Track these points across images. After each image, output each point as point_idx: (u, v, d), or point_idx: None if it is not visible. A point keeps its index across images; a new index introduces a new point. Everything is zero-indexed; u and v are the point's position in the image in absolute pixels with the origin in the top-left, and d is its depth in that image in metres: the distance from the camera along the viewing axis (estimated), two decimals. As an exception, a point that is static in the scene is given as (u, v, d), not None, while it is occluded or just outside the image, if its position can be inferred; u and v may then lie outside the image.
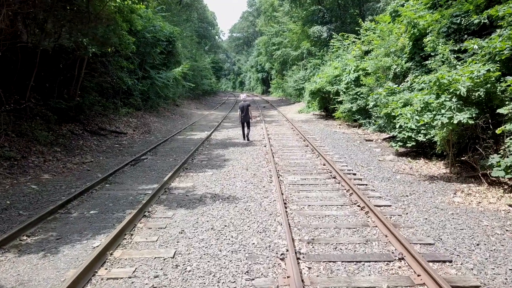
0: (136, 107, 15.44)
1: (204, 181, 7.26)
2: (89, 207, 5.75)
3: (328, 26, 27.53)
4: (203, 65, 37.25)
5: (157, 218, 5.26)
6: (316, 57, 28.35)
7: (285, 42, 37.10)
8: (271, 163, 8.57)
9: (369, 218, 5.21)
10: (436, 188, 6.98)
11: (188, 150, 10.54)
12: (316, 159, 9.37)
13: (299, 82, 29.56)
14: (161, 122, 16.47)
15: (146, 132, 13.53)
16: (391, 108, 10.30)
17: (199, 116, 21.43)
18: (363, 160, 9.38)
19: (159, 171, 8.11)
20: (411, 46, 11.98)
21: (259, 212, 5.44)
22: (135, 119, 14.54)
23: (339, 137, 13.35)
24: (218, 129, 15.68)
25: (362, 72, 15.19)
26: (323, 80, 18.82)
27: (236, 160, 9.27)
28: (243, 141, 12.41)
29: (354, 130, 15.45)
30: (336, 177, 7.47)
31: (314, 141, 12.14)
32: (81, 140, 10.26)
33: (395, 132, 10.18)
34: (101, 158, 9.24)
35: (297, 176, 7.64)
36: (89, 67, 11.95)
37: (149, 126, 14.72)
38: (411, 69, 12.00)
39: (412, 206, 5.83)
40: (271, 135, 13.72)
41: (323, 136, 13.55)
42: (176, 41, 18.94)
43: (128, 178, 7.47)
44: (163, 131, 14.49)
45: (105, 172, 7.78)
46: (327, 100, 19.59)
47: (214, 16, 74.02)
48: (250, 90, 71.12)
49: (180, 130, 14.73)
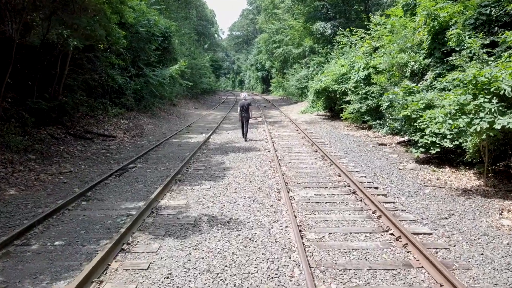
0: (128, 107, 14.26)
1: (199, 197, 6.10)
2: (56, 235, 4.60)
3: (332, 22, 26.36)
4: (202, 63, 36.03)
5: (138, 253, 4.11)
6: (320, 55, 27.19)
7: (286, 40, 35.94)
8: (278, 173, 7.42)
9: (410, 254, 4.07)
10: (476, 207, 5.85)
11: (183, 157, 9.39)
12: (329, 167, 8.22)
13: (301, 80, 28.39)
14: (155, 123, 15.29)
15: (137, 135, 12.35)
16: (411, 109, 9.19)
17: (197, 117, 20.25)
18: (381, 169, 8.24)
19: (147, 183, 6.95)
20: (430, 41, 10.84)
21: (268, 245, 4.30)
22: (127, 120, 13.36)
23: (349, 141, 12.21)
24: (217, 131, 14.52)
25: (372, 70, 14.04)
26: (329, 79, 17.68)
27: (238, 169, 8.12)
28: (244, 145, 11.27)
29: (364, 133, 14.32)
30: (356, 192, 6.32)
31: (323, 145, 11.00)
32: (62, 146, 9.09)
33: (416, 137, 9.05)
34: (82, 167, 8.08)
35: (310, 190, 6.49)
36: (74, 63, 10.78)
37: (142, 128, 13.55)
38: (431, 66, 10.86)
39: (457, 234, 4.70)
40: (275, 138, 12.57)
41: (331, 139, 12.41)
42: (173, 36, 17.74)
43: (110, 193, 6.31)
44: (157, 134, 13.32)
45: (83, 185, 6.62)
46: (333, 99, 18.45)
47: (213, 14, 72.82)
48: (250, 89, 69.96)
49: (176, 133, 13.57)
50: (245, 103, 11.84)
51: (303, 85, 28.28)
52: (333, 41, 26.26)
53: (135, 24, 14.42)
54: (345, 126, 16.27)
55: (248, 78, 72.93)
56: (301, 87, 28.79)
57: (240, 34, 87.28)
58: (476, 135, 6.55)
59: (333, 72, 17.80)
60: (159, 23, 15.84)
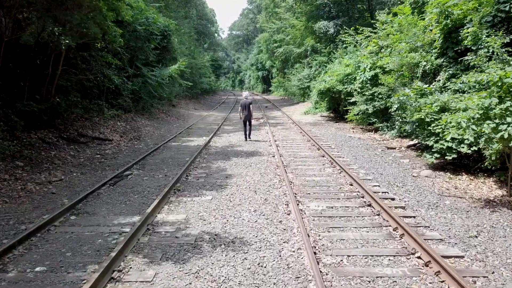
0: (126, 109, 13.70)
1: (200, 210, 5.56)
2: (38, 258, 4.05)
3: (335, 21, 25.79)
4: (202, 63, 35.46)
5: (130, 282, 3.56)
6: (322, 54, 26.64)
7: (288, 39, 35.37)
8: (285, 182, 6.88)
9: (445, 285, 3.53)
10: (504, 221, 5.31)
11: (182, 162, 8.85)
12: (339, 175, 7.68)
13: (303, 81, 27.84)
14: (153, 125, 14.73)
15: (135, 138, 11.80)
16: (424, 112, 8.66)
17: (197, 118, 19.69)
18: (395, 177, 7.70)
19: (144, 193, 6.40)
20: (443, 40, 10.30)
21: (279, 272, 3.75)
22: (124, 122, 12.80)
23: (356, 144, 11.67)
24: (218, 134, 13.97)
25: (379, 70, 13.50)
26: (333, 79, 17.14)
27: (241, 176, 7.57)
28: (247, 148, 10.73)
29: (371, 135, 13.78)
30: (372, 204, 5.78)
31: (330, 149, 10.45)
32: (53, 151, 8.54)
33: (430, 141, 8.51)
34: (74, 174, 7.53)
35: (321, 202, 5.95)
36: (68, 62, 10.23)
37: (140, 130, 12.99)
38: (443, 66, 10.32)
39: (491, 257, 4.16)
40: (279, 141, 12.02)
41: (338, 142, 11.87)
42: (172, 35, 17.17)
43: (102, 206, 5.76)
44: (155, 137, 12.77)
45: (74, 197, 6.07)
46: (337, 100, 17.92)
47: (213, 13, 72.31)
48: (250, 88, 69.41)
49: (175, 135, 13.01)
50: (246, 103, 11.86)
51: (305, 85, 27.75)
52: (336, 41, 25.72)
53: (133, 22, 13.87)
54: (350, 128, 15.73)
55: (248, 77, 72.37)
56: (303, 87, 28.26)
57: (240, 34, 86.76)
58: (502, 142, 6.01)
59: (337, 72, 17.27)
60: (158, 21, 15.28)
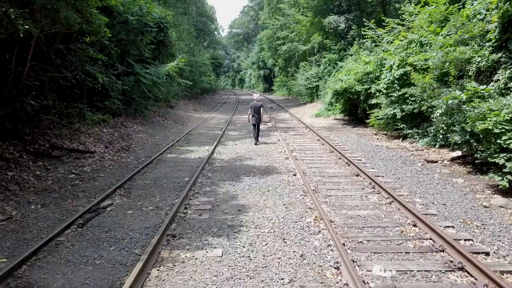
0: (114, 113, 11.67)
1: (206, 281, 3.59)
2: None
3: (346, 15, 23.81)
4: (202, 61, 33.44)
5: None
6: (332, 51, 24.67)
7: (292, 36, 33.38)
8: (323, 222, 4.93)
9: None
10: None
11: (180, 185, 6.89)
12: (390, 207, 5.72)
13: (311, 80, 25.87)
14: (147, 131, 12.71)
15: (123, 149, 9.79)
16: (491, 121, 6.73)
17: (197, 121, 17.68)
18: (463, 208, 5.77)
19: (124, 243, 4.44)
20: (501, 29, 8.38)
21: None
22: (111, 129, 10.79)
23: (388, 156, 9.74)
24: (222, 141, 12.00)
25: (410, 67, 11.55)
26: (351, 78, 15.20)
27: (258, 209, 5.61)
28: (259, 162, 8.79)
29: (399, 143, 11.84)
30: (466, 267, 3.82)
31: (362, 164, 8.51)
32: (12, 171, 6.55)
33: (500, 159, 6.57)
34: (33, 207, 5.55)
35: (386, 262, 3.99)
36: (39, 57, 8.25)
37: (130, 138, 10.98)
38: (502, 63, 8.38)
39: None
40: (296, 151, 10.08)
41: (366, 153, 9.93)
42: (169, 28, 15.18)
43: (56, 271, 3.80)
44: (149, 146, 10.76)
45: (17, 253, 4.10)
46: (354, 102, 15.96)
47: (213, 10, 70.48)
48: (250, 88, 67.50)
49: (172, 144, 11.02)
50: (256, 105, 11.28)
51: (313, 84, 25.79)
52: (347, 37, 23.79)
53: (124, 12, 11.87)
54: (372, 134, 13.78)
55: (248, 76, 70.49)
56: (311, 87, 26.29)
57: (241, 32, 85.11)
58: None
59: (355, 71, 15.32)
60: (153, 11, 13.28)
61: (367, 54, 17.03)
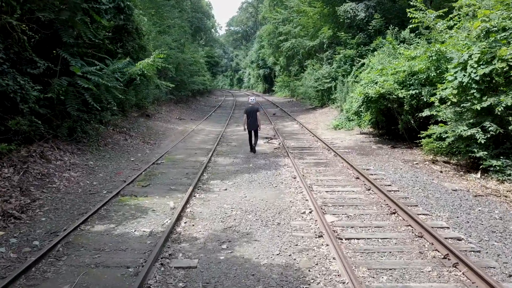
0: (27, 138, 7.29)
1: None
2: None
3: (366, 2, 19.53)
4: (194, 59, 29.09)
5: None
6: (348, 46, 20.38)
7: (296, 31, 29.15)
8: None
9: None
10: None
11: None
12: None
13: (323, 81, 21.58)
14: (86, 164, 8.16)
15: (15, 217, 5.44)
16: None
17: (177, 137, 13.19)
18: None
19: None
20: None
21: None
22: (12, 168, 6.39)
23: (485, 215, 5.51)
24: (205, 181, 7.67)
25: (503, 64, 7.29)
26: (389, 80, 10.96)
27: None
28: (271, 259, 4.51)
29: (479, 180, 7.63)
30: None
31: (457, 244, 4.24)
32: None
33: None
34: None
35: None
36: None
37: (44, 185, 6.54)
38: None
39: None
40: (328, 209, 5.82)
41: (442, 207, 5.75)
42: (133, 8, 10.76)
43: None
44: (70, 201, 6.33)
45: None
46: (391, 112, 11.68)
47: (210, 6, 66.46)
48: (249, 88, 63.41)
49: (119, 191, 6.67)
50: (253, 109, 10.03)
51: (325, 86, 21.48)
52: (368, 28, 19.52)
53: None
54: (426, 160, 9.52)
55: (247, 76, 66.44)
56: (322, 89, 21.98)
57: (239, 30, 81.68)
58: None
59: (395, 70, 11.08)
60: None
61: (406, 47, 12.80)
